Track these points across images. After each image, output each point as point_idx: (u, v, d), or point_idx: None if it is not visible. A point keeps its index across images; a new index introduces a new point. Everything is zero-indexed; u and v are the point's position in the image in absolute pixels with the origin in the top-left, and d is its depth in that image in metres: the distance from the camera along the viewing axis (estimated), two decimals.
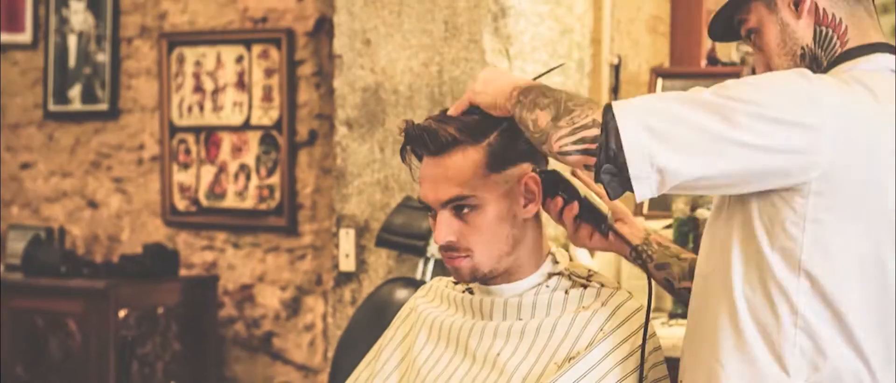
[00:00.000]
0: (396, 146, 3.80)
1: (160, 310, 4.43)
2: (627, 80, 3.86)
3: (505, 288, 2.07)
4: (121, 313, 4.33)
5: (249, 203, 4.59)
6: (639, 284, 2.16)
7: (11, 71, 5.16)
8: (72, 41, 4.97)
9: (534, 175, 2.03)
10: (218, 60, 4.63)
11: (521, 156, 2.03)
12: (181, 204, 4.75)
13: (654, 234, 2.20)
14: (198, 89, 4.68)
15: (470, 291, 2.13)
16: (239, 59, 4.59)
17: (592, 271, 2.12)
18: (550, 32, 3.78)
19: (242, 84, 4.58)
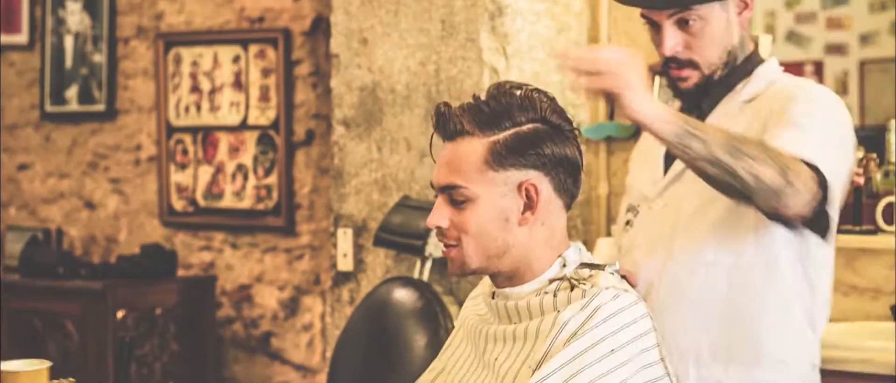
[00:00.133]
0: (394, 145, 3.79)
1: (158, 311, 4.42)
2: None
3: (509, 292, 2.07)
4: (119, 314, 4.32)
5: (247, 203, 4.59)
6: None
7: (8, 72, 5.15)
8: (68, 42, 4.97)
9: (536, 183, 2.00)
10: (215, 60, 4.63)
11: (528, 162, 2.00)
12: (179, 204, 4.74)
13: None
14: (195, 89, 4.67)
15: (493, 294, 2.13)
16: (236, 59, 4.58)
17: (600, 270, 2.05)
18: (547, 31, 3.77)
19: (239, 84, 4.58)
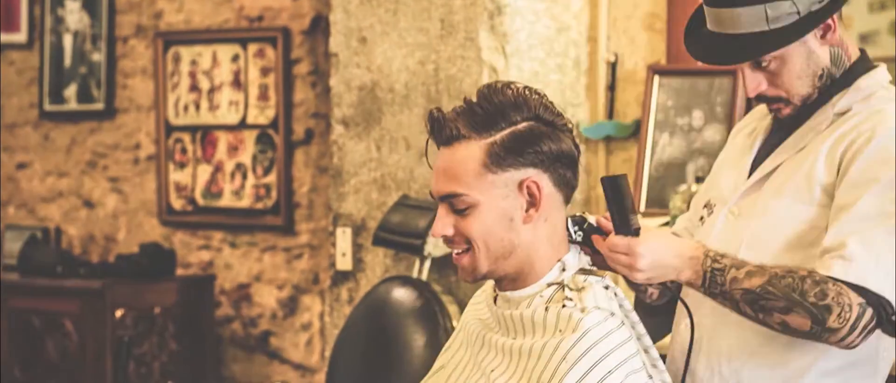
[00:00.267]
0: (393, 144, 3.79)
1: (157, 310, 4.42)
2: (624, 78, 3.85)
3: (511, 296, 2.05)
4: (117, 313, 4.32)
5: (246, 202, 4.58)
6: None
7: (7, 71, 5.15)
8: (67, 40, 4.96)
9: (536, 180, 1.99)
10: (214, 59, 4.63)
11: (526, 161, 1.98)
12: (177, 203, 4.74)
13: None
14: (194, 88, 4.67)
15: (495, 298, 2.11)
16: (235, 57, 4.58)
17: (596, 277, 2.03)
18: (547, 30, 3.77)
19: (238, 83, 4.58)
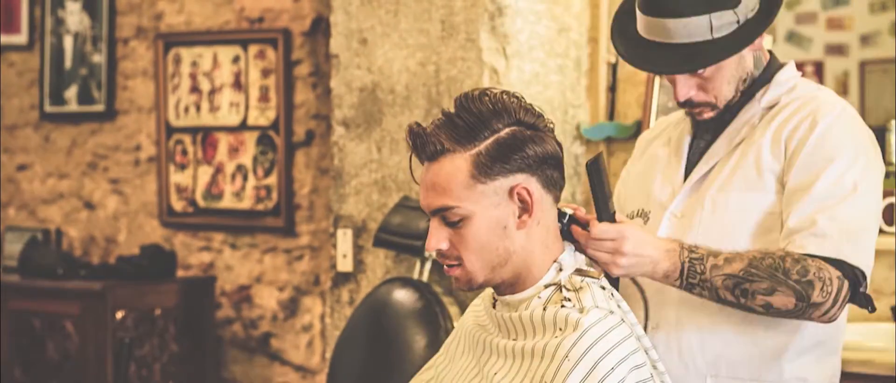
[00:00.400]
0: (394, 146, 3.79)
1: (157, 312, 4.42)
2: (625, 79, 3.85)
3: (510, 299, 2.05)
4: (118, 314, 4.32)
5: (247, 203, 4.58)
6: None
7: (8, 72, 5.15)
8: (68, 42, 4.96)
9: (526, 186, 1.98)
10: (214, 61, 4.63)
11: (513, 167, 1.98)
12: (178, 205, 4.74)
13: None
14: (194, 90, 4.67)
15: (494, 303, 2.11)
16: (235, 59, 4.58)
17: (592, 278, 2.04)
18: (548, 31, 3.77)
19: (239, 84, 4.57)
